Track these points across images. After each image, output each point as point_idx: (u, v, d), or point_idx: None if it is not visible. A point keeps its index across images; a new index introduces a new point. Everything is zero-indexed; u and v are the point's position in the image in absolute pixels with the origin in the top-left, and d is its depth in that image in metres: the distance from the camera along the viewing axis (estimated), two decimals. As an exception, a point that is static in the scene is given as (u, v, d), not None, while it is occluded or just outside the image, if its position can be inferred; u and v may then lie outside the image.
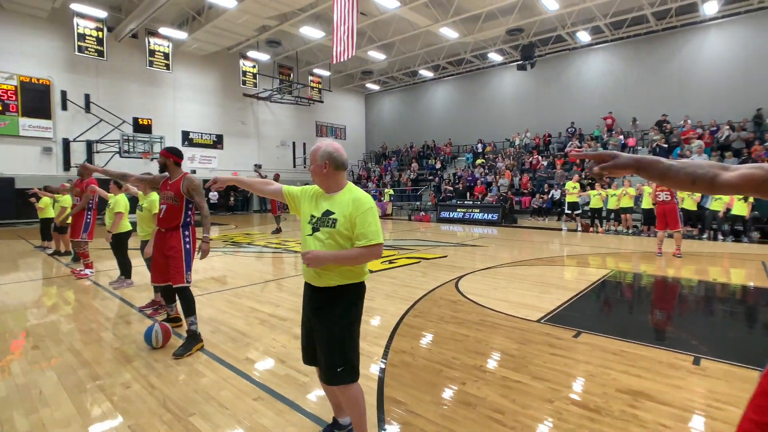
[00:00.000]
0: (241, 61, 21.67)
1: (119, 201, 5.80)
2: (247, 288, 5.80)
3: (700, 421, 2.51)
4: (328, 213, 2.00)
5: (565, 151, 19.28)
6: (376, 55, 21.38)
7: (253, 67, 22.19)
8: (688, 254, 8.41)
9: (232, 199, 22.79)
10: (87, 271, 6.56)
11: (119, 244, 5.80)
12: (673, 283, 6.30)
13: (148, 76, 19.24)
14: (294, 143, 25.93)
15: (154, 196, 4.64)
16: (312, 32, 18.29)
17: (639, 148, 18.14)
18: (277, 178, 13.02)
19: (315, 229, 2.03)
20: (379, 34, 19.53)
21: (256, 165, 22.67)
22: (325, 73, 24.46)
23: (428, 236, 12.02)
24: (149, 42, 18.21)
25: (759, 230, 10.77)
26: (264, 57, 21.29)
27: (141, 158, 17.05)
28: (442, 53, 22.65)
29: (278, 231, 12.67)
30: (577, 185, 13.17)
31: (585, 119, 20.23)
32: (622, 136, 18.48)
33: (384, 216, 19.10)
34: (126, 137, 16.89)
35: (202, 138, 21.41)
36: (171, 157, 3.78)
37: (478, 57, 23.26)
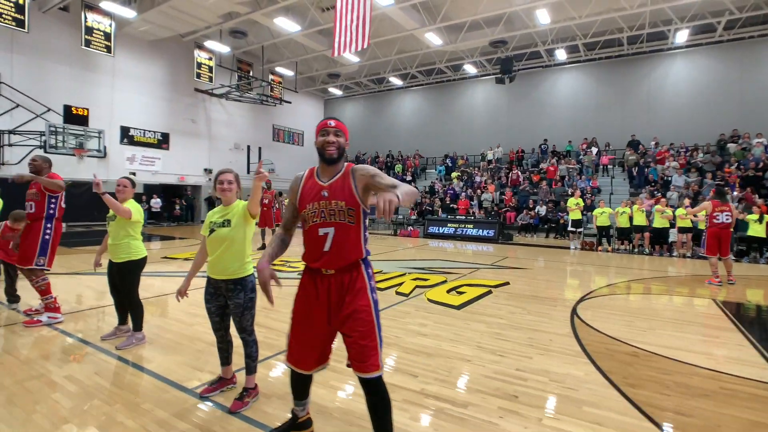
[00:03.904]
0: (196, 52, 18.98)
1: (132, 207, 3.81)
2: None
3: None
4: None
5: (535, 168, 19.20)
6: (350, 57, 19.92)
7: (210, 59, 19.56)
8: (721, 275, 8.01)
9: (177, 207, 19.71)
10: (44, 318, 4.28)
11: (131, 277, 3.77)
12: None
13: (81, 59, 15.94)
14: (249, 147, 23.38)
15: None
16: (287, 24, 16.38)
17: (611, 167, 18.56)
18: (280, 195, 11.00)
19: None
20: (357, 34, 18.12)
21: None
22: (289, 72, 22.40)
23: (442, 255, 10.72)
24: (86, 17, 15.08)
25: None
26: (224, 49, 18.80)
27: (74, 155, 13.81)
28: (415, 61, 21.78)
29: (264, 247, 10.61)
30: (580, 201, 12.73)
31: (556, 136, 20.42)
32: (594, 150, 18.85)
33: (360, 230, 17.47)
34: (53, 128, 13.61)
35: (144, 136, 18.27)
36: None
37: (450, 68, 22.75)
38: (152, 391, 2.91)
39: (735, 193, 13.67)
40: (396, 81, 24.32)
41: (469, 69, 21.94)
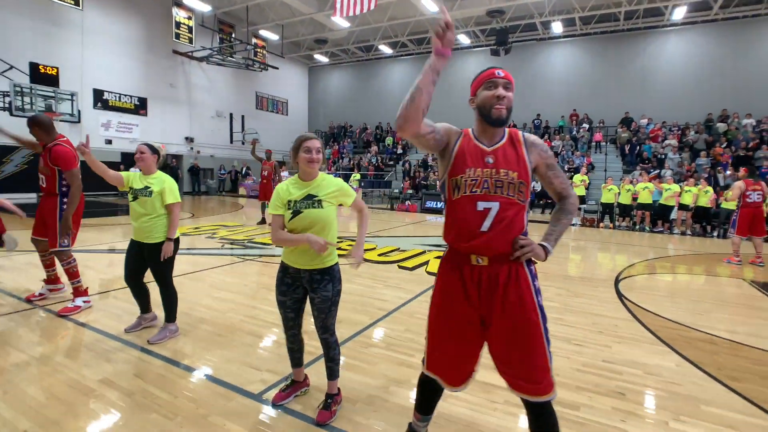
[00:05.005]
0: (174, 10, 17.52)
1: (168, 182, 3.27)
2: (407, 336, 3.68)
3: None
4: None
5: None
6: (341, 22, 18.86)
7: (189, 18, 18.14)
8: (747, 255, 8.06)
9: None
10: (79, 302, 3.79)
11: (169, 259, 3.26)
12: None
13: (45, 12, 14.41)
14: (231, 115, 22.22)
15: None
16: (276, -18, 15.26)
17: (604, 143, 18.56)
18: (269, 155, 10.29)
19: None
20: (350, -4, 17.08)
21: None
22: (273, 36, 21.13)
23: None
24: (48, -36, 13.54)
25: None
26: (205, 7, 17.44)
27: (43, 120, 12.60)
28: (407, 29, 20.90)
29: (263, 222, 10.06)
30: (585, 178, 12.65)
31: (549, 111, 20.24)
32: (587, 125, 18.80)
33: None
34: (19, 88, 12.31)
35: (120, 100, 16.94)
36: None
37: (443, 37, 21.96)
38: (212, 397, 2.48)
39: (728, 172, 13.89)
40: (385, 49, 23.39)
41: (463, 39, 21.28)
